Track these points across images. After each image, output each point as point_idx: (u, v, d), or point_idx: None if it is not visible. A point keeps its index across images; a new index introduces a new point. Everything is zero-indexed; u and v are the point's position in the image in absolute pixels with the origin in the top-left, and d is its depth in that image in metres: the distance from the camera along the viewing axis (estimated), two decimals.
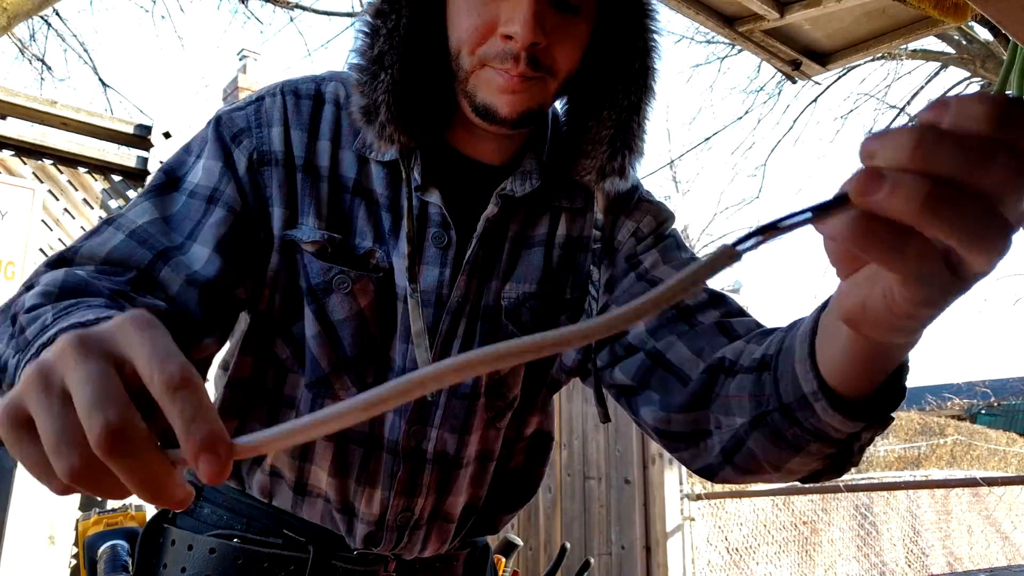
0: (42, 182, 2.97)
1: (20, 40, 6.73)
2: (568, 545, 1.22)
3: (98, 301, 0.59)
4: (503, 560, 1.12)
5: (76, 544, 2.31)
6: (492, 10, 0.69)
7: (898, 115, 12.42)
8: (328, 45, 26.20)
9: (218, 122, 0.78)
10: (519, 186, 0.79)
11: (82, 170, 3.14)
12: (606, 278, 0.82)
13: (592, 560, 1.15)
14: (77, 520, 2.32)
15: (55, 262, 0.70)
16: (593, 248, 0.81)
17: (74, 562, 2.81)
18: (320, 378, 0.77)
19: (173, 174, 0.77)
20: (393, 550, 0.83)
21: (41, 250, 2.93)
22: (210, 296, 0.72)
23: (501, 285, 0.80)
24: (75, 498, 2.69)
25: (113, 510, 1.03)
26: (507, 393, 0.82)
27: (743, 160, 14.86)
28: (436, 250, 0.77)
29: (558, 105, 0.84)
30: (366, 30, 0.73)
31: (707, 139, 16.31)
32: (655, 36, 0.78)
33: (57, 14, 6.84)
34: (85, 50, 7.25)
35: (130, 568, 0.91)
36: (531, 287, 0.80)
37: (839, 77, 11.99)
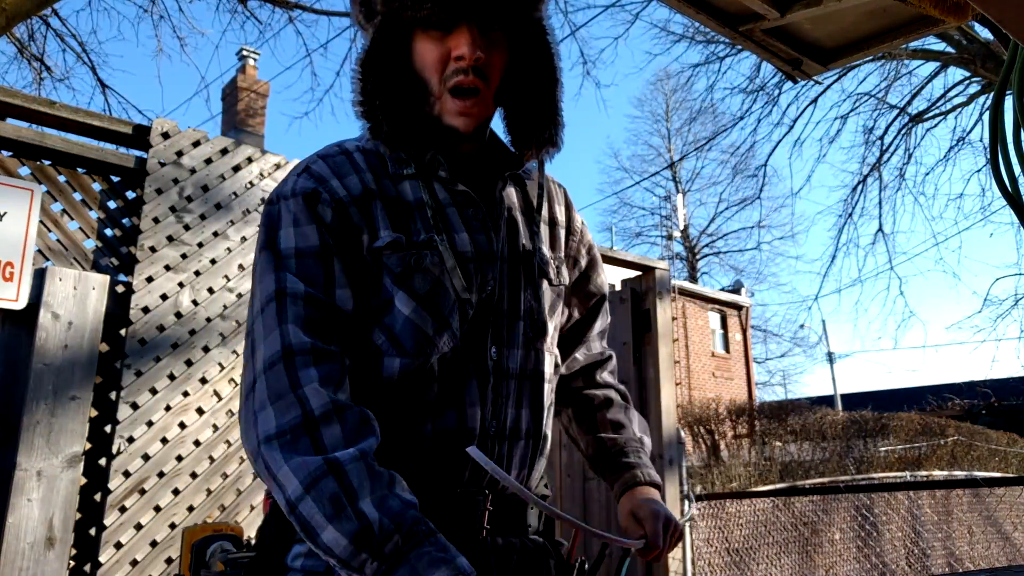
0: (40, 183, 2.96)
1: (19, 40, 6.73)
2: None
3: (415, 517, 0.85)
4: None
5: (182, 547, 2.41)
6: (444, 46, 1.02)
7: (898, 115, 12.43)
8: (327, 45, 26.20)
9: (290, 195, 1.00)
10: (511, 171, 1.13)
11: (80, 171, 3.14)
12: (547, 232, 1.19)
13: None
14: (184, 529, 2.35)
15: (285, 355, 0.91)
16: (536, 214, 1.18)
17: (73, 563, 2.81)
18: (427, 338, 0.99)
19: (275, 248, 0.98)
20: (487, 480, 1.02)
21: (40, 251, 2.92)
22: (356, 326, 0.98)
23: (523, 240, 1.11)
24: (73, 499, 2.69)
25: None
26: (538, 317, 1.11)
27: (743, 160, 14.86)
28: (476, 222, 1.06)
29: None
30: (361, 99, 1.03)
31: (707, 140, 16.28)
32: (553, 47, 1.10)
33: (56, 14, 6.84)
34: (84, 50, 7.23)
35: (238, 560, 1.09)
36: (537, 242, 1.13)
37: (839, 77, 11.99)
